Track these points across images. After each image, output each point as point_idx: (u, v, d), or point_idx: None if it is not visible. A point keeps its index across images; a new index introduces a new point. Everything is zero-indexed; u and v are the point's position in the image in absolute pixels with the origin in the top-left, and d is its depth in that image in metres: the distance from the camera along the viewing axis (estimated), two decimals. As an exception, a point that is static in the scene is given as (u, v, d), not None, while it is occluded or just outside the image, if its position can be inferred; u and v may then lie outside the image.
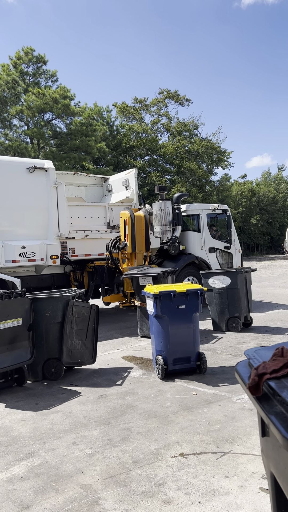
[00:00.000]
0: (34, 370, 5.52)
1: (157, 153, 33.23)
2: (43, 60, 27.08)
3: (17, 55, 26.36)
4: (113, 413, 4.32)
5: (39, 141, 26.20)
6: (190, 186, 32.69)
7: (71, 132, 25.84)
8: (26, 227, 8.44)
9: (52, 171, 8.70)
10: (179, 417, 4.11)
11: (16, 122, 27.22)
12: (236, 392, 4.72)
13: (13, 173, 8.30)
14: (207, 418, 4.06)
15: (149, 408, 4.39)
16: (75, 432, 3.91)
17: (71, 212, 9.35)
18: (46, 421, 4.22)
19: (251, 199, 43.24)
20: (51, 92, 24.81)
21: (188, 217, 11.29)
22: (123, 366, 6.01)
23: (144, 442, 3.64)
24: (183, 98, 36.09)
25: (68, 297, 5.56)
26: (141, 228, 8.77)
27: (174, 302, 5.28)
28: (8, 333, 5.02)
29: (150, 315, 5.54)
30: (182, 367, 5.38)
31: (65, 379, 5.57)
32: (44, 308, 5.47)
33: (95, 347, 5.94)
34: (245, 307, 7.94)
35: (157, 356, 5.37)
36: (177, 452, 3.43)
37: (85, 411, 4.41)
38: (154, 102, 35.91)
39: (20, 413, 4.47)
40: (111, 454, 3.45)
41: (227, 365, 5.77)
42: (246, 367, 1.49)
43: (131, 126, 33.46)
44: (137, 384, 5.18)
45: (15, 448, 3.66)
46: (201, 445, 3.53)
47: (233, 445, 3.50)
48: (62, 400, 4.79)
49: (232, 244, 11.33)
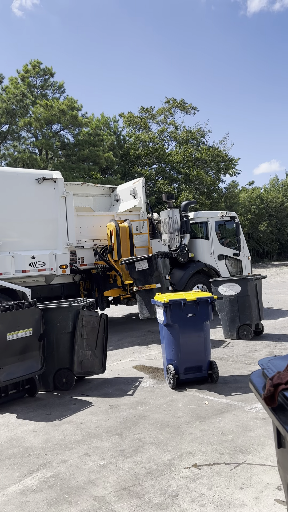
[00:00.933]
0: (45, 380, 5.52)
1: (164, 162, 33.37)
2: (50, 72, 27.49)
3: (25, 68, 26.80)
4: (125, 423, 4.29)
5: (48, 152, 26.48)
6: (198, 194, 32.71)
7: (79, 143, 26.10)
8: (36, 237, 8.50)
9: (60, 182, 8.77)
10: (192, 427, 4.07)
11: (24, 134, 27.63)
12: (249, 401, 4.66)
13: (23, 185, 8.39)
14: (220, 428, 4.01)
15: (161, 418, 4.36)
16: (87, 443, 3.89)
17: (80, 221, 9.42)
18: (58, 432, 4.21)
19: (259, 205, 43.08)
20: (59, 104, 25.13)
21: (196, 225, 11.28)
22: (134, 376, 5.98)
23: (157, 452, 3.60)
24: (190, 106, 36.29)
25: (78, 307, 5.56)
26: (125, 238, 9.25)
27: (184, 310, 5.26)
28: (19, 343, 5.03)
29: (160, 324, 5.52)
30: (193, 376, 5.34)
31: (76, 389, 5.55)
32: (55, 318, 5.49)
33: (104, 357, 5.93)
34: (256, 314, 7.87)
35: (168, 366, 5.34)
36: (190, 463, 3.39)
37: (97, 422, 4.38)
38: (161, 111, 36.15)
39: (32, 424, 4.46)
40: (123, 465, 3.42)
41: (239, 374, 5.71)
42: (260, 377, 1.47)
43: (138, 136, 33.69)
44: (149, 394, 5.15)
45: (27, 459, 3.65)
46: (214, 456, 3.48)
47: (247, 456, 3.45)
48: (74, 410, 4.78)
49: (241, 251, 11.28)
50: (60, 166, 24.46)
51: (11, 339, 4.92)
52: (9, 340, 4.90)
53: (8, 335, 4.89)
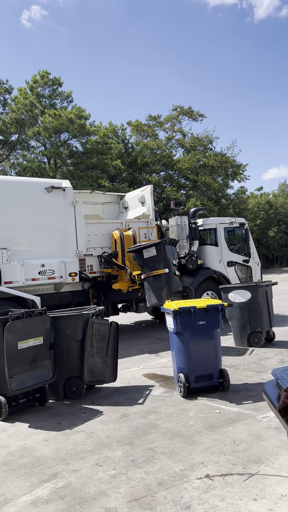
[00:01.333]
0: (55, 389, 5.51)
1: (172, 169, 33.43)
2: (58, 82, 27.81)
3: (34, 78, 27.17)
4: (135, 432, 4.26)
5: (56, 161, 26.72)
6: (206, 200, 32.68)
7: (87, 151, 26.30)
8: (45, 245, 8.55)
9: (69, 190, 8.83)
10: (203, 437, 4.03)
11: (33, 143, 27.90)
12: (261, 410, 4.60)
13: (32, 194, 8.46)
14: (232, 438, 3.96)
15: (172, 427, 4.32)
16: (98, 453, 3.86)
17: (89, 229, 9.46)
18: (68, 441, 4.19)
19: (268, 211, 42.87)
20: (67, 113, 25.38)
21: (205, 231, 11.26)
22: (144, 384, 5.94)
23: (168, 462, 3.56)
24: (197, 113, 36.37)
25: (88, 315, 5.56)
26: (129, 245, 9.26)
27: (194, 318, 5.23)
28: (30, 352, 5.04)
29: (170, 331, 5.50)
30: (204, 384, 5.29)
31: (86, 397, 5.54)
32: (65, 327, 5.49)
33: (115, 365, 5.91)
34: (267, 321, 7.80)
35: (179, 374, 5.30)
36: (202, 473, 3.35)
37: (108, 431, 4.36)
38: (168, 119, 36.30)
39: (42, 433, 4.45)
40: (135, 476, 3.39)
41: (251, 382, 5.65)
42: (274, 387, 1.45)
43: (146, 143, 33.84)
44: (159, 402, 5.11)
45: (38, 469, 3.64)
46: (227, 466, 3.44)
47: (260, 466, 3.40)
48: (84, 419, 4.76)
49: (251, 257, 11.21)
50: (68, 175, 24.65)
51: (22, 347, 4.93)
52: (20, 348, 4.91)
53: (19, 344, 4.90)
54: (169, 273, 7.96)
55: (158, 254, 8.06)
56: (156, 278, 8.06)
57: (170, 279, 8.04)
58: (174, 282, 8.13)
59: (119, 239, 9.33)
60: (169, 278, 8.04)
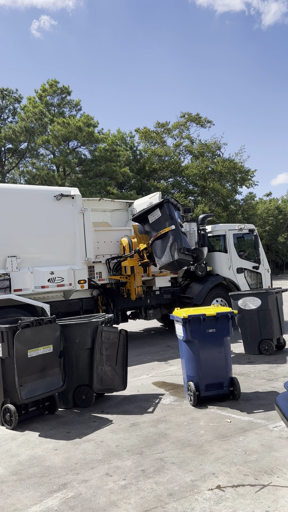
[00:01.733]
0: (65, 397, 5.50)
1: (180, 175, 33.47)
2: (67, 91, 28.12)
3: (42, 87, 27.50)
4: (145, 442, 4.23)
5: (65, 169, 26.92)
6: (214, 206, 32.62)
7: (95, 159, 26.47)
8: (54, 253, 8.59)
9: (78, 198, 8.88)
10: (214, 446, 3.98)
11: (42, 151, 28.18)
12: (273, 419, 4.54)
13: (41, 202, 8.53)
14: (243, 448, 3.91)
15: (182, 436, 4.28)
16: (108, 462, 3.84)
17: (98, 237, 9.50)
18: (78, 450, 4.17)
19: (277, 216, 42.63)
20: (76, 121, 25.61)
21: (214, 238, 11.22)
22: (154, 393, 5.91)
23: (179, 473, 3.53)
24: (205, 120, 36.45)
25: (97, 323, 5.56)
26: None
27: (204, 326, 5.20)
28: (40, 360, 5.04)
29: (180, 339, 5.46)
30: (214, 393, 5.25)
31: (96, 406, 5.52)
32: (74, 334, 5.49)
33: (125, 373, 5.88)
34: (277, 329, 7.72)
35: (189, 382, 5.26)
36: (213, 484, 3.31)
37: (117, 440, 4.33)
38: (176, 126, 36.42)
39: (52, 442, 4.44)
40: (145, 486, 3.36)
41: (261, 390, 5.58)
42: (286, 400, 1.43)
43: (154, 150, 33.96)
44: (169, 411, 5.07)
45: (48, 479, 3.62)
46: (238, 477, 3.39)
47: (272, 477, 3.35)
48: (94, 428, 4.73)
49: (261, 263, 11.14)
50: (77, 182, 24.80)
51: (32, 356, 4.94)
52: (30, 357, 4.92)
53: (29, 352, 4.91)
54: (176, 229, 7.74)
55: (162, 214, 7.93)
56: (163, 237, 7.86)
57: (177, 235, 7.74)
58: (183, 238, 7.85)
59: (127, 246, 9.34)
60: (177, 234, 7.74)
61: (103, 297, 9.69)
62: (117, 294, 9.57)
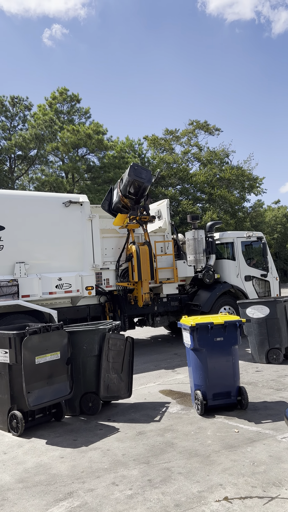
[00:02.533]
0: (71, 405, 5.49)
1: (188, 182, 33.51)
2: (76, 98, 28.40)
3: (52, 95, 27.82)
4: (152, 451, 4.19)
5: (74, 175, 27.11)
6: (222, 213, 32.56)
7: (104, 166, 26.63)
8: (62, 259, 8.62)
9: (86, 205, 8.93)
10: (221, 457, 3.93)
11: (52, 158, 28.42)
12: (281, 430, 4.48)
13: (50, 208, 8.59)
14: (251, 459, 3.86)
15: (189, 446, 4.23)
16: (114, 471, 3.81)
17: (105, 243, 9.52)
18: (84, 458, 4.15)
19: (286, 224, 42.42)
20: (85, 129, 25.83)
21: (222, 245, 11.19)
22: (161, 401, 5.87)
23: (186, 483, 3.49)
24: (213, 127, 36.53)
25: (104, 330, 5.55)
26: (146, 259, 9.37)
27: (212, 334, 5.16)
28: (47, 367, 5.04)
29: (187, 348, 5.43)
30: (222, 402, 5.20)
31: (102, 413, 5.49)
32: (81, 341, 5.49)
33: (131, 381, 5.86)
34: (285, 337, 7.65)
35: (196, 391, 5.22)
36: (221, 495, 3.26)
37: (124, 449, 4.30)
38: (184, 133, 36.53)
39: (58, 449, 4.42)
40: (151, 497, 3.32)
41: (270, 400, 5.52)
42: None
43: (162, 157, 34.07)
44: (176, 420, 5.03)
45: (54, 487, 3.60)
46: (246, 489, 3.34)
47: (280, 489, 3.29)
48: (100, 436, 4.71)
49: (269, 271, 11.07)
50: (86, 189, 24.95)
51: (39, 362, 4.94)
52: (38, 363, 4.92)
53: (36, 359, 4.91)
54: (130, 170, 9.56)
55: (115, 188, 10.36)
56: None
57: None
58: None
59: (135, 253, 9.36)
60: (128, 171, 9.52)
61: (111, 303, 9.68)
62: (124, 301, 9.57)
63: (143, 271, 9.31)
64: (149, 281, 9.49)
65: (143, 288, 9.35)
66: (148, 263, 9.39)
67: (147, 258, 9.39)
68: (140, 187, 9.49)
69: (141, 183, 9.41)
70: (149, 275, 9.40)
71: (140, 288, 9.39)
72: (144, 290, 9.34)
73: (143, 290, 9.35)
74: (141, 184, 9.45)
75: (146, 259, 9.37)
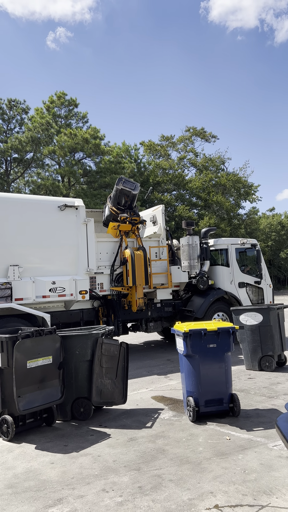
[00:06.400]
0: (63, 410, 5.45)
1: (184, 188, 33.65)
2: (74, 103, 28.48)
3: (50, 99, 27.88)
4: (143, 457, 4.17)
5: (70, 179, 27.11)
6: (218, 220, 32.71)
7: (100, 170, 26.68)
8: (57, 263, 8.60)
9: (82, 209, 8.92)
10: (213, 464, 3.92)
11: (48, 161, 28.41)
12: (272, 438, 4.48)
13: (45, 211, 8.57)
14: (242, 466, 3.85)
15: (180, 453, 4.22)
16: (105, 478, 3.79)
17: (100, 247, 9.50)
18: (75, 464, 4.11)
19: (280, 232, 42.68)
20: (82, 133, 25.88)
21: (217, 252, 11.22)
22: (153, 407, 5.85)
23: (176, 491, 3.47)
24: (210, 134, 36.79)
25: (97, 335, 5.53)
26: (140, 265, 9.37)
27: (205, 341, 5.16)
28: (39, 371, 5.01)
29: (180, 354, 5.43)
30: (214, 409, 5.19)
31: (94, 419, 5.46)
32: (74, 346, 5.46)
33: (125, 386, 5.83)
34: (278, 345, 7.67)
35: (188, 398, 5.21)
36: (211, 503, 3.25)
37: (115, 455, 4.28)
38: (181, 140, 36.74)
39: (48, 455, 4.39)
40: (142, 504, 3.30)
41: (262, 408, 5.52)
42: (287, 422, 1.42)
43: (158, 163, 34.21)
44: (168, 426, 5.01)
45: (43, 493, 3.57)
46: (236, 497, 3.33)
47: (271, 498, 3.29)
48: (91, 442, 4.68)
49: (263, 278, 11.11)
50: (81, 193, 24.96)
51: (31, 366, 4.91)
52: (29, 367, 4.89)
53: (28, 363, 4.88)
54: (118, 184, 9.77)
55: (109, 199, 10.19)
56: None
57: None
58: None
59: (129, 258, 9.36)
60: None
61: (104, 308, 9.66)
62: (118, 306, 9.55)
63: (138, 276, 9.31)
64: (143, 286, 9.49)
65: (137, 293, 9.35)
66: (142, 268, 9.40)
67: (142, 263, 9.40)
68: (128, 196, 9.77)
69: (128, 192, 9.69)
70: (143, 280, 9.41)
71: (134, 293, 9.39)
72: (138, 295, 9.34)
73: (137, 295, 9.35)
74: (129, 192, 9.72)
75: (141, 264, 9.37)
